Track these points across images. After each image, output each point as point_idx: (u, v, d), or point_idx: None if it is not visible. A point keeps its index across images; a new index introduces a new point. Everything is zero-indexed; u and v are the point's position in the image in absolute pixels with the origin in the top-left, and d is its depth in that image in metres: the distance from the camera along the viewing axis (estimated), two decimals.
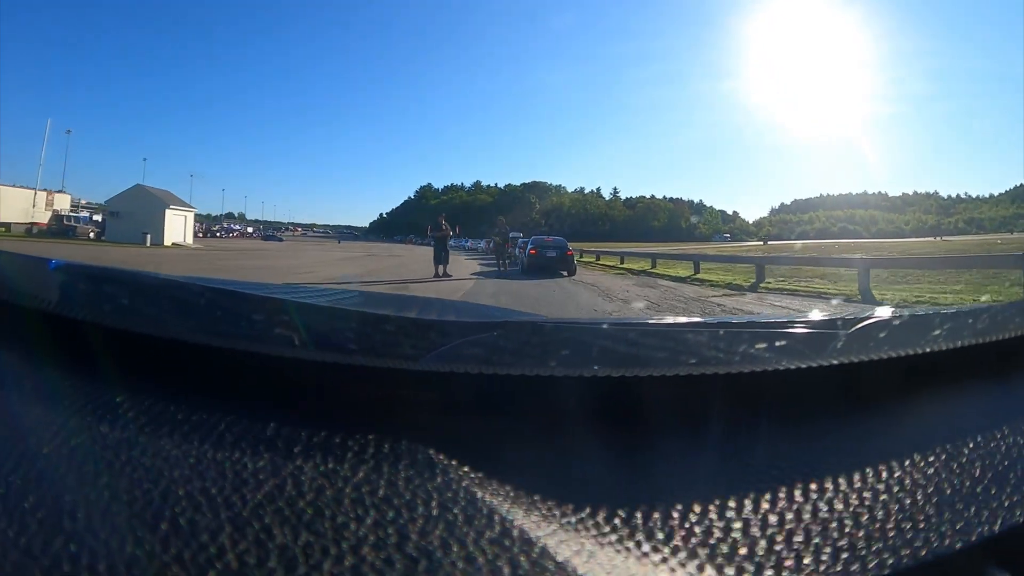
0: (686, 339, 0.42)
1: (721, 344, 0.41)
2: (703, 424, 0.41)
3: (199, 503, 0.32)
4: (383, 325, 0.42)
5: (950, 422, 0.44)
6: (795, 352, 0.42)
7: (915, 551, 0.33)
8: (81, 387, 0.41)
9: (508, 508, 0.33)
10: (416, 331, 0.41)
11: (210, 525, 0.30)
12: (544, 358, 0.40)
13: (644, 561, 0.31)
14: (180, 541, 0.29)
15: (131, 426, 0.37)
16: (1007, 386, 0.50)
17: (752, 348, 0.41)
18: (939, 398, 0.46)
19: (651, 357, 0.40)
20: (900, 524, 0.34)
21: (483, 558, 0.30)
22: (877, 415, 0.43)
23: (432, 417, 0.40)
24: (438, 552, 0.30)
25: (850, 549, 0.32)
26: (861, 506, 0.35)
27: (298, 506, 0.32)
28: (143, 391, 0.41)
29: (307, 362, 0.40)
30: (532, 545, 0.31)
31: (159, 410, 0.39)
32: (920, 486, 0.37)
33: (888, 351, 0.44)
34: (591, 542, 0.31)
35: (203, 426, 0.37)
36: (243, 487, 0.33)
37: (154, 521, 0.30)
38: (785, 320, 0.46)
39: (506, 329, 0.41)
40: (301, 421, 0.38)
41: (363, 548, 0.30)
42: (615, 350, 0.41)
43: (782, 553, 0.32)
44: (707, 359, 0.40)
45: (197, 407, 0.39)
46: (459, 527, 0.31)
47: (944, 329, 0.47)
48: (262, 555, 0.29)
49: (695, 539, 0.32)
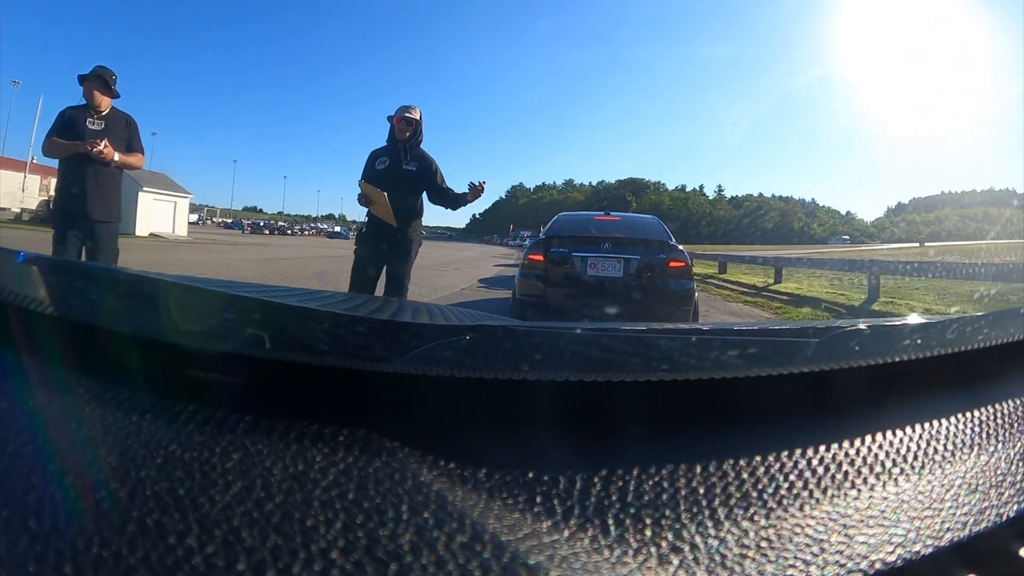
0: (659, 345, 0.42)
1: (693, 351, 0.41)
2: (675, 430, 0.41)
3: (167, 504, 0.31)
4: (356, 327, 0.41)
5: (919, 430, 0.44)
6: (766, 360, 0.42)
7: (885, 557, 0.33)
8: (48, 384, 0.41)
9: (479, 512, 0.33)
10: (389, 333, 0.41)
11: (177, 527, 0.30)
12: (517, 362, 0.40)
13: (617, 566, 0.31)
14: (147, 542, 0.29)
15: (97, 425, 0.37)
16: (975, 396, 0.50)
17: (724, 355, 0.41)
18: (908, 407, 0.46)
19: (624, 362, 0.40)
20: (870, 530, 0.34)
21: (454, 562, 0.30)
22: (846, 423, 0.43)
23: (403, 420, 0.39)
24: (408, 556, 0.30)
25: (820, 555, 0.33)
26: (832, 513, 0.35)
27: (267, 508, 0.32)
28: (108, 390, 0.40)
29: (277, 363, 0.39)
30: (503, 549, 0.30)
31: (126, 409, 0.38)
32: (890, 493, 0.38)
33: (858, 360, 0.44)
34: (564, 547, 0.32)
35: (171, 427, 0.37)
36: (211, 488, 0.33)
37: (121, 522, 0.30)
38: (757, 328, 0.48)
39: (479, 332, 0.41)
40: (270, 423, 0.38)
41: (332, 551, 0.29)
42: (588, 355, 0.41)
43: (755, 559, 0.32)
44: (679, 365, 0.40)
45: (165, 408, 0.39)
46: (430, 531, 0.31)
47: (914, 340, 0.48)
48: (230, 557, 0.29)
49: (668, 545, 0.32)
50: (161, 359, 0.42)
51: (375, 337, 0.40)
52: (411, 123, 3.41)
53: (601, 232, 4.36)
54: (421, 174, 3.40)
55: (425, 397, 0.40)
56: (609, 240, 4.15)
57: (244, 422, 0.38)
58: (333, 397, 0.41)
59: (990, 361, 0.53)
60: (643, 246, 4.14)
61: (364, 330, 0.41)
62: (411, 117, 3.41)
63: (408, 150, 3.41)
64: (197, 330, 0.41)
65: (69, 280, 0.50)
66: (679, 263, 4.08)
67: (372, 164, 3.45)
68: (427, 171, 3.42)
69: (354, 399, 0.41)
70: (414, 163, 3.41)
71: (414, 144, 3.44)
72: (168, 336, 0.41)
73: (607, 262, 4.06)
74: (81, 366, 0.43)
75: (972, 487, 0.40)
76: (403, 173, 3.37)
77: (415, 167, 3.40)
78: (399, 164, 3.38)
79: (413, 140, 3.42)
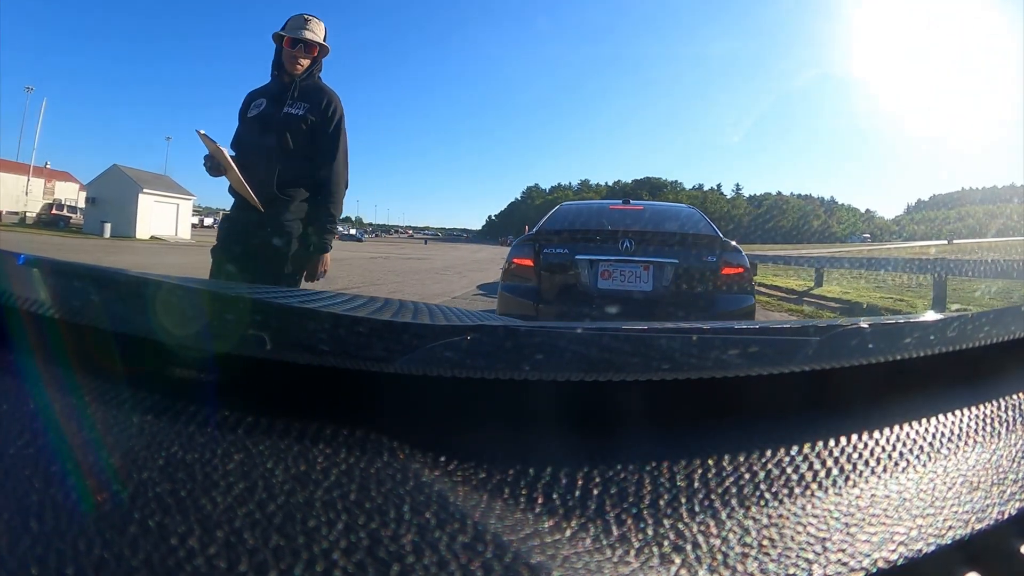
0: (660, 344, 0.42)
1: (694, 350, 0.41)
2: (676, 429, 0.41)
3: (169, 505, 0.31)
4: (356, 327, 0.41)
5: (921, 427, 0.44)
6: (767, 359, 0.42)
7: (887, 555, 0.33)
8: (49, 386, 0.41)
9: (481, 512, 0.33)
10: (389, 333, 0.41)
11: (179, 528, 0.30)
12: (518, 362, 0.40)
13: (619, 565, 0.31)
14: (149, 544, 0.29)
15: (99, 426, 0.37)
16: (977, 392, 0.50)
17: (725, 354, 0.41)
18: (910, 403, 0.46)
19: (625, 362, 0.40)
20: (872, 528, 0.34)
21: (456, 563, 0.30)
22: (848, 420, 0.43)
23: (405, 420, 0.39)
24: (410, 556, 0.30)
25: (823, 553, 0.32)
26: (834, 511, 0.35)
27: (269, 509, 0.32)
28: (110, 391, 0.40)
29: (278, 363, 0.39)
30: (505, 549, 0.30)
31: (127, 411, 0.38)
32: (892, 490, 0.38)
33: (859, 358, 0.44)
34: (566, 546, 0.32)
35: (172, 428, 0.37)
36: (213, 489, 0.33)
37: (123, 523, 0.30)
38: (758, 327, 0.47)
39: (480, 332, 0.41)
40: (271, 423, 0.38)
41: (335, 552, 0.30)
42: (589, 355, 0.41)
43: (758, 558, 0.32)
44: (680, 364, 0.40)
45: (166, 409, 0.39)
46: (432, 531, 0.31)
47: (914, 338, 0.48)
48: (232, 558, 0.29)
49: (670, 544, 0.32)
50: (162, 360, 0.42)
51: (376, 337, 0.40)
52: (310, 48, 2.13)
53: (619, 226, 2.95)
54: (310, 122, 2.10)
55: (426, 397, 0.40)
56: (631, 237, 2.79)
57: (245, 423, 0.38)
58: (334, 398, 0.41)
59: (991, 357, 0.53)
60: (681, 245, 2.82)
61: (365, 330, 0.41)
62: (310, 39, 2.12)
63: (298, 86, 2.14)
64: (197, 331, 0.41)
65: (69, 282, 0.50)
66: (735, 268, 2.78)
67: (245, 111, 2.19)
68: (321, 116, 2.10)
69: (355, 399, 0.41)
70: (302, 104, 2.11)
71: (309, 78, 2.16)
72: (168, 337, 0.41)
73: (628, 269, 2.74)
74: (82, 368, 0.43)
75: (974, 484, 0.39)
76: (282, 120, 2.08)
77: (302, 110, 2.10)
78: (280, 107, 2.11)
79: (309, 74, 2.16)
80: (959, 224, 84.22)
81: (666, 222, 3.40)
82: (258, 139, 2.10)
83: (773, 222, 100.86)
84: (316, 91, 2.15)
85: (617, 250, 2.81)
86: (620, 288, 2.76)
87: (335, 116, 2.14)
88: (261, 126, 2.11)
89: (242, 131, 2.18)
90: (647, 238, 2.85)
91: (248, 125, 2.16)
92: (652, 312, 2.72)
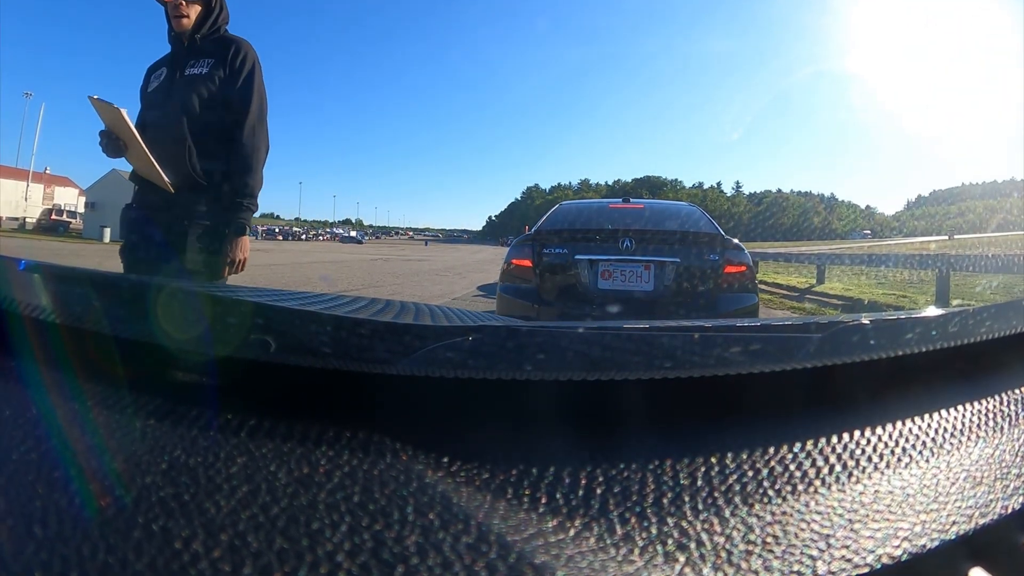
0: (661, 343, 0.42)
1: (696, 348, 0.41)
2: (679, 427, 0.41)
3: (172, 509, 0.31)
4: (358, 329, 0.41)
5: (923, 422, 0.44)
6: (769, 356, 0.42)
7: (891, 551, 0.33)
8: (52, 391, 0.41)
9: (485, 513, 0.33)
10: (391, 335, 0.41)
11: (183, 531, 0.30)
12: (520, 362, 0.40)
13: (623, 564, 0.31)
14: (153, 548, 0.29)
15: (102, 431, 0.37)
16: (979, 387, 0.50)
17: (726, 352, 0.41)
18: (912, 398, 0.46)
19: (627, 361, 0.40)
20: (876, 524, 0.34)
21: (460, 563, 0.30)
22: (850, 416, 0.43)
23: (407, 421, 0.39)
24: (414, 558, 0.30)
25: (827, 550, 0.32)
26: (838, 508, 0.35)
27: (272, 512, 0.32)
28: (113, 396, 0.40)
29: (280, 366, 0.39)
30: (509, 549, 0.30)
31: (130, 415, 0.38)
32: (895, 486, 0.38)
33: (861, 355, 0.44)
34: (569, 546, 0.31)
35: (175, 432, 0.37)
36: (216, 492, 0.33)
37: (126, 528, 0.30)
38: (759, 324, 0.48)
39: (482, 333, 0.41)
40: (274, 426, 0.38)
41: (339, 554, 0.30)
42: (591, 354, 0.41)
43: (761, 555, 0.32)
44: (682, 362, 0.40)
45: (169, 413, 0.39)
46: (435, 532, 0.31)
47: (916, 333, 0.48)
48: (236, 561, 0.29)
49: (674, 542, 0.32)
50: (164, 364, 0.42)
51: (378, 339, 0.40)
52: None
53: (619, 225, 2.99)
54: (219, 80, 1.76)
55: (428, 398, 0.41)
56: (631, 236, 2.82)
57: (248, 426, 0.38)
58: (337, 400, 0.41)
59: (993, 352, 0.52)
60: (683, 244, 2.83)
61: (367, 332, 0.41)
62: None
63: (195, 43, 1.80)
64: (199, 335, 0.41)
65: (70, 287, 0.50)
66: (738, 267, 2.79)
67: (146, 87, 1.88)
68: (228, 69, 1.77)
69: (358, 401, 0.41)
70: (205, 62, 1.78)
71: (211, 33, 1.82)
72: (170, 341, 0.41)
73: (629, 269, 2.78)
74: (84, 372, 0.43)
75: (977, 479, 0.40)
76: (185, 84, 1.76)
77: (206, 67, 1.77)
78: (182, 71, 1.78)
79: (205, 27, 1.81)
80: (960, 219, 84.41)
81: (667, 220, 3.41)
82: (161, 113, 1.77)
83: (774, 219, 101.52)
84: (221, 43, 1.81)
85: (617, 249, 2.82)
86: (621, 288, 2.77)
87: (243, 66, 1.78)
88: (163, 97, 1.79)
89: (144, 109, 1.84)
90: (648, 237, 2.84)
91: (149, 100, 1.84)
92: (653, 313, 2.73)
